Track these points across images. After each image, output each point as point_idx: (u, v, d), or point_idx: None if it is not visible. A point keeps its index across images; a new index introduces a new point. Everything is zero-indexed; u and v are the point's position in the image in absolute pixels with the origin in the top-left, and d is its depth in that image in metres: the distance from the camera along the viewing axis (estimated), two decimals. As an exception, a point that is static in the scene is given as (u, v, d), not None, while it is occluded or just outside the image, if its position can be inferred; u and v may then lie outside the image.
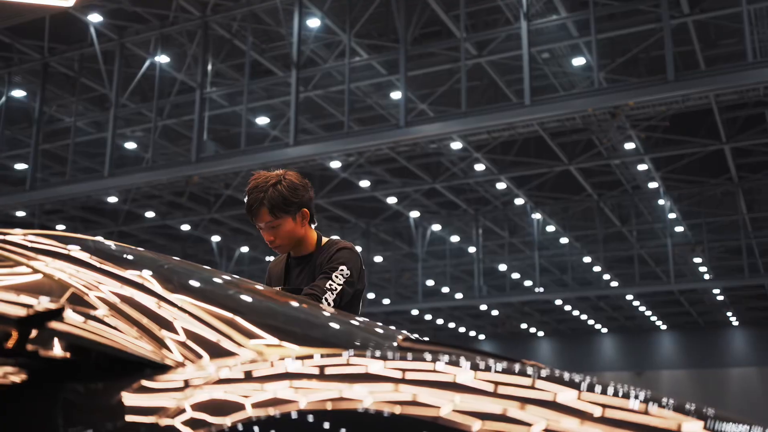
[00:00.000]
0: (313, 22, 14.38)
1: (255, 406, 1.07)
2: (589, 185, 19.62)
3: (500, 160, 17.92)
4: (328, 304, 2.85)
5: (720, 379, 33.73)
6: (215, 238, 23.31)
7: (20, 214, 18.60)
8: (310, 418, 1.02)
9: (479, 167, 18.02)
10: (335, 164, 16.29)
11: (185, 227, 22.12)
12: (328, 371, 1.14)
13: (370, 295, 27.18)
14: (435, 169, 18.80)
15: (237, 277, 2.12)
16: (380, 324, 1.82)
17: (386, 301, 27.34)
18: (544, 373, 1.18)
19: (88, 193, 15.98)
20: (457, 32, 13.72)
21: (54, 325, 1.26)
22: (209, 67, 15.01)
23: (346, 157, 15.28)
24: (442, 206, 21.98)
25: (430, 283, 27.78)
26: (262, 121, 17.24)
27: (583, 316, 33.88)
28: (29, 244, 1.69)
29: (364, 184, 18.87)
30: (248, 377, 1.16)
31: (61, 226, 21.78)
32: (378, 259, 26.09)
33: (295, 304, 1.76)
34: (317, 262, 3.06)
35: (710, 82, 11.63)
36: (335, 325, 1.69)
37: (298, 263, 3.16)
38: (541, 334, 37.97)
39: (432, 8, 13.56)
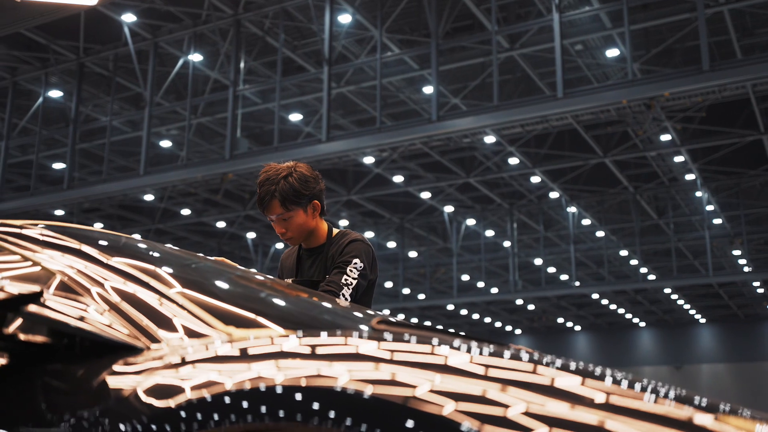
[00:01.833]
0: (345, 18, 14.40)
1: (216, 384, 1.09)
2: (625, 178, 19.42)
3: (534, 153, 17.81)
4: (346, 300, 2.86)
5: (761, 373, 33.21)
6: (250, 235, 23.45)
7: (59, 212, 18.87)
8: (272, 394, 1.04)
9: (513, 161, 17.93)
10: (368, 160, 16.31)
11: (221, 224, 22.29)
12: (292, 350, 1.16)
13: (405, 291, 27.18)
14: (469, 163, 18.74)
15: (225, 262, 2.24)
16: (359, 307, 1.88)
17: (421, 297, 27.32)
18: (525, 356, 1.19)
19: (125, 192, 16.17)
20: (488, 25, 13.64)
21: (32, 308, 1.31)
22: (242, 65, 15.10)
23: (379, 152, 15.28)
24: (477, 200, 21.90)
25: (465, 277, 27.71)
26: (295, 117, 17.30)
27: (621, 310, 33.57)
28: (25, 234, 1.76)
29: (398, 179, 18.86)
30: (215, 358, 1.19)
31: (99, 225, 22.08)
32: (413, 254, 26.08)
33: (273, 289, 1.81)
34: (329, 254, 3.08)
35: (747, 71, 11.43)
36: (309, 308, 1.74)
37: (310, 255, 3.17)
38: (578, 328, 37.69)
39: (463, 2, 13.51)
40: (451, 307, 30.35)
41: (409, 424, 0.95)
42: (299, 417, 1.01)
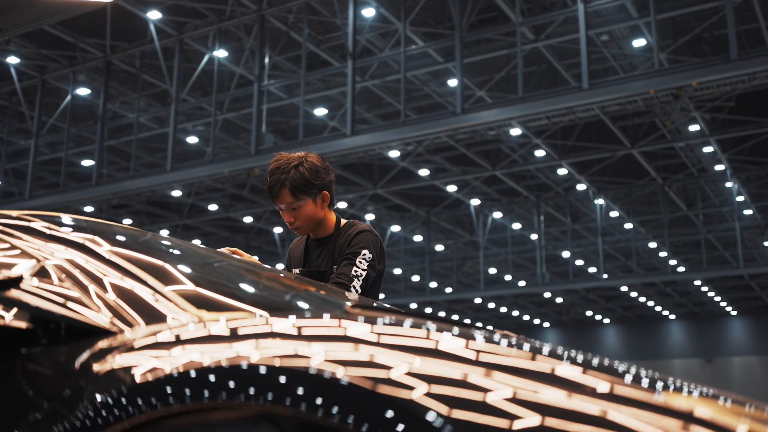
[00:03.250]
0: (368, 12, 14.38)
1: (184, 365, 1.11)
2: (653, 169, 19.25)
3: (561, 145, 17.71)
4: (357, 291, 2.89)
5: (794, 366, 32.85)
6: (277, 230, 23.55)
7: (88, 209, 19.07)
8: (236, 374, 1.05)
9: (539, 153, 17.84)
10: (394, 153, 16.30)
11: (248, 219, 22.42)
12: (258, 331, 1.18)
13: (432, 284, 27.17)
14: (495, 156, 18.66)
15: (237, 252, 2.39)
16: (338, 290, 1.94)
17: (448, 290, 27.30)
18: (500, 339, 1.21)
19: (152, 188, 16.29)
20: (513, 17, 13.56)
21: (10, 293, 1.37)
22: (266, 60, 15.14)
23: (405, 146, 15.26)
24: (503, 193, 21.82)
25: (492, 271, 27.65)
26: (320, 112, 17.33)
27: (650, 303, 33.32)
28: (18, 224, 1.81)
29: (424, 172, 18.85)
30: (186, 339, 1.20)
31: (127, 221, 22.29)
32: (439, 247, 26.06)
33: (254, 274, 1.87)
34: (336, 244, 3.08)
35: (776, 59, 11.26)
36: (282, 293, 1.79)
37: (318, 245, 3.18)
38: (606, 321, 37.46)
39: (487, -7, 13.45)
40: (478, 300, 30.28)
41: (369, 404, 0.97)
42: (251, 395, 1.03)
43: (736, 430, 0.92)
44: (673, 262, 25.26)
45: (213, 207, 21.35)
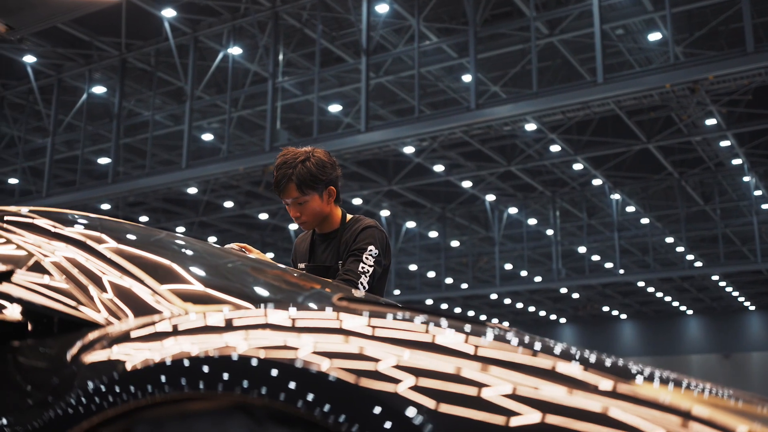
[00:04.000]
0: (382, 8, 14.36)
1: (169, 356, 1.12)
2: (670, 163, 19.14)
3: (576, 140, 17.64)
4: (364, 288, 2.90)
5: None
6: (293, 227, 23.58)
7: (105, 206, 19.18)
8: (219, 365, 1.06)
9: (555, 148, 17.78)
10: (408, 149, 16.29)
11: (263, 216, 22.47)
12: (242, 324, 1.19)
13: (448, 280, 27.15)
14: (510, 151, 18.62)
15: (245, 248, 2.49)
16: (326, 282, 1.96)
17: (464, 286, 27.26)
18: (488, 331, 1.22)
19: (168, 185, 16.35)
20: (527, 12, 13.51)
21: (2, 287, 1.40)
22: (281, 57, 15.17)
23: (419, 141, 15.24)
24: (518, 189, 21.77)
25: (508, 266, 27.60)
26: (335, 108, 17.34)
27: (667, 298, 33.15)
28: (18, 220, 1.85)
29: (439, 168, 18.83)
30: (167, 332, 1.22)
31: (144, 218, 22.41)
32: (455, 243, 26.03)
33: (244, 268, 1.90)
34: (342, 239, 3.09)
35: (794, 52, 11.16)
36: (268, 285, 1.82)
37: (323, 240, 3.18)
38: (623, 316, 37.31)
39: (501, -12, 13.40)
40: (494, 296, 30.25)
41: (345, 395, 0.97)
42: (227, 386, 1.04)
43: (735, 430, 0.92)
44: (690, 257, 25.12)
45: (228, 204, 21.42)
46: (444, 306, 32.80)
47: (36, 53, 16.13)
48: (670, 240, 24.73)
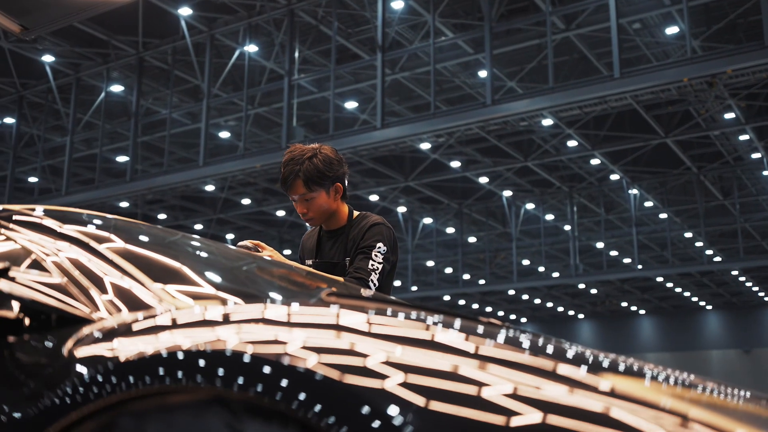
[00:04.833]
0: (398, 4, 14.35)
1: (161, 351, 1.12)
2: (688, 158, 19.01)
3: (593, 135, 17.55)
4: (375, 285, 2.90)
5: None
6: (310, 223, 23.61)
7: (123, 204, 19.30)
8: (205, 360, 1.07)
9: (572, 143, 17.71)
10: (425, 146, 16.28)
11: (281, 213, 22.52)
12: (230, 318, 1.19)
13: (465, 276, 27.12)
14: (527, 146, 18.56)
15: (259, 245, 2.58)
16: (317, 276, 1.98)
17: (481, 282, 27.22)
18: (480, 329, 1.23)
19: (186, 183, 16.43)
20: (543, 6, 13.46)
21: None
22: (296, 54, 15.19)
23: (436, 138, 15.23)
24: (535, 184, 21.70)
25: (525, 262, 27.53)
26: (351, 105, 17.35)
27: (686, 293, 32.95)
28: (20, 219, 1.88)
29: (455, 164, 18.80)
30: (157, 327, 1.23)
31: (162, 216, 22.52)
32: (472, 239, 25.99)
33: (236, 264, 1.92)
34: (349, 236, 3.09)
35: (813, 44, 11.04)
36: (257, 280, 1.84)
37: (330, 236, 3.19)
38: (642, 312, 37.11)
39: (517, -17, 13.35)
40: (512, 292, 30.15)
41: (319, 390, 0.97)
42: (205, 379, 1.04)
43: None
44: (709, 252, 24.96)
45: (246, 201, 21.50)
46: (461, 302, 32.77)
47: (54, 53, 16.26)
48: (689, 235, 24.58)
